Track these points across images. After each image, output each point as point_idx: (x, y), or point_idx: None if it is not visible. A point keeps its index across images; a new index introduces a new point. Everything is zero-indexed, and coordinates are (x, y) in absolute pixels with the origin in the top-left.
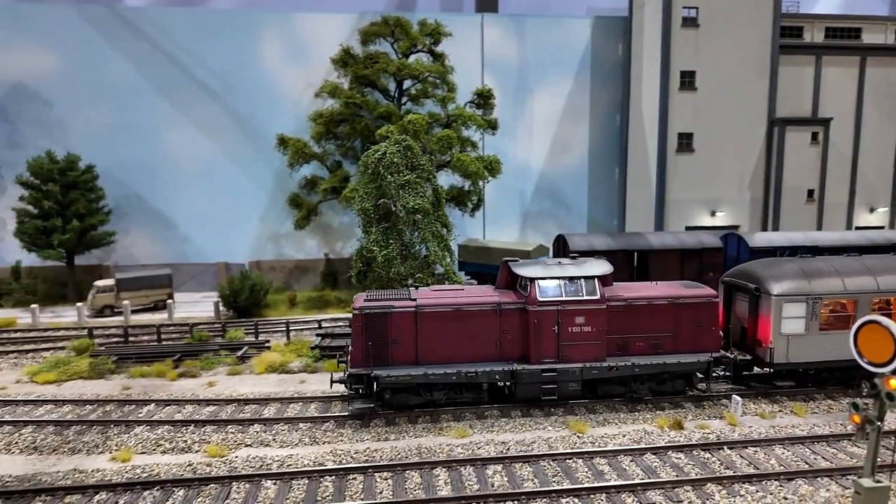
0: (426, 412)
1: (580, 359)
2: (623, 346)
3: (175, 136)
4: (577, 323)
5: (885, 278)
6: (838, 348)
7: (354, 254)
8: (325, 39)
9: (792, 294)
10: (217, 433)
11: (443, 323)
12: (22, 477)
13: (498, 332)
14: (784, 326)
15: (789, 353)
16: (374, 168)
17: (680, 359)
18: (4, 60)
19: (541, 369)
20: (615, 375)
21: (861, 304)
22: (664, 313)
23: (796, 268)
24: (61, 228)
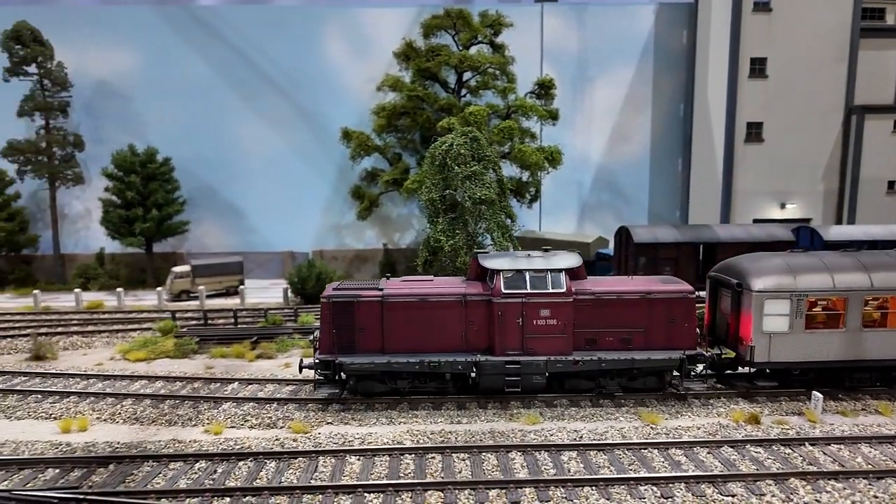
0: (495, 399)
1: (545, 352)
2: (592, 340)
3: (245, 130)
4: (542, 316)
5: (881, 275)
6: (826, 349)
7: (421, 243)
8: (385, 33)
9: (774, 290)
10: (299, 411)
11: (408, 313)
12: (129, 444)
13: (464, 323)
14: (766, 324)
15: (771, 352)
16: (441, 160)
17: (650, 355)
18: (90, 60)
19: (504, 361)
20: (581, 370)
21: (852, 302)
22: (635, 308)
23: (782, 263)
24: (142, 218)
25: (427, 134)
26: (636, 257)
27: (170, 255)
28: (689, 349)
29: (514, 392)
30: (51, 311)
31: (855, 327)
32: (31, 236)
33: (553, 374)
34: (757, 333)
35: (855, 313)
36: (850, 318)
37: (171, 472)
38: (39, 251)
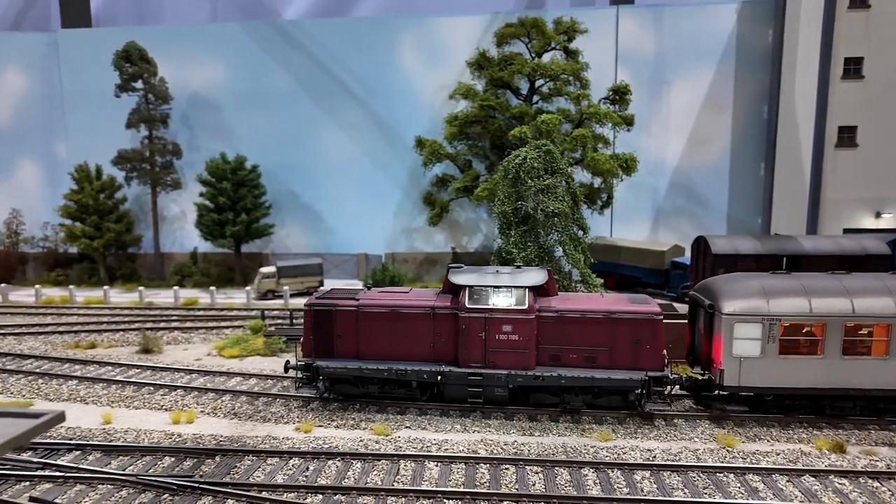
0: (567, 412)
1: (506, 366)
2: (556, 356)
3: (324, 138)
4: (505, 331)
5: (864, 301)
6: (803, 375)
7: (493, 254)
8: (458, 41)
9: (745, 314)
10: (380, 413)
11: (381, 322)
12: (230, 437)
13: (432, 334)
14: (736, 348)
15: (741, 376)
16: (514, 173)
17: (610, 374)
18: (186, 74)
19: (467, 373)
20: (543, 385)
21: (831, 328)
22: (599, 327)
23: (756, 285)
24: (232, 221)
25: (498, 142)
26: (714, 269)
27: (256, 256)
28: (653, 370)
29: (476, 403)
30: (153, 306)
31: (834, 354)
32: (136, 236)
33: (516, 387)
34: (727, 357)
35: (834, 340)
36: (828, 345)
37: (269, 468)
38: (142, 250)
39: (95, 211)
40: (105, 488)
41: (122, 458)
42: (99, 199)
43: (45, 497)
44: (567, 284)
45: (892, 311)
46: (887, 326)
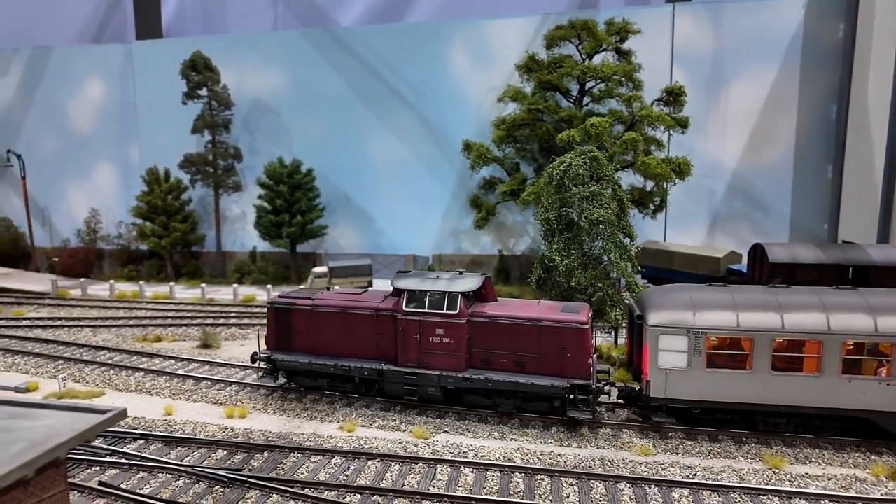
0: (606, 425)
1: (439, 367)
2: (487, 360)
3: (375, 141)
4: (438, 334)
5: (795, 316)
6: (731, 390)
7: (535, 260)
8: (507, 43)
9: (669, 326)
10: (420, 416)
11: (331, 321)
12: (279, 434)
13: (376, 334)
14: (661, 359)
15: (667, 388)
16: (558, 180)
17: (533, 380)
18: (248, 80)
19: (403, 372)
20: (473, 387)
21: (759, 343)
22: (527, 334)
23: (685, 298)
24: (288, 222)
25: (546, 145)
26: (771, 278)
27: (310, 255)
28: (577, 378)
29: (412, 400)
30: (214, 303)
31: (763, 369)
32: (200, 235)
33: (448, 388)
34: (653, 368)
35: (763, 355)
36: (757, 360)
37: (313, 465)
38: (205, 248)
39: (164, 211)
40: (164, 477)
41: (180, 449)
42: (167, 200)
43: (113, 482)
44: (612, 294)
45: (823, 328)
46: (819, 343)
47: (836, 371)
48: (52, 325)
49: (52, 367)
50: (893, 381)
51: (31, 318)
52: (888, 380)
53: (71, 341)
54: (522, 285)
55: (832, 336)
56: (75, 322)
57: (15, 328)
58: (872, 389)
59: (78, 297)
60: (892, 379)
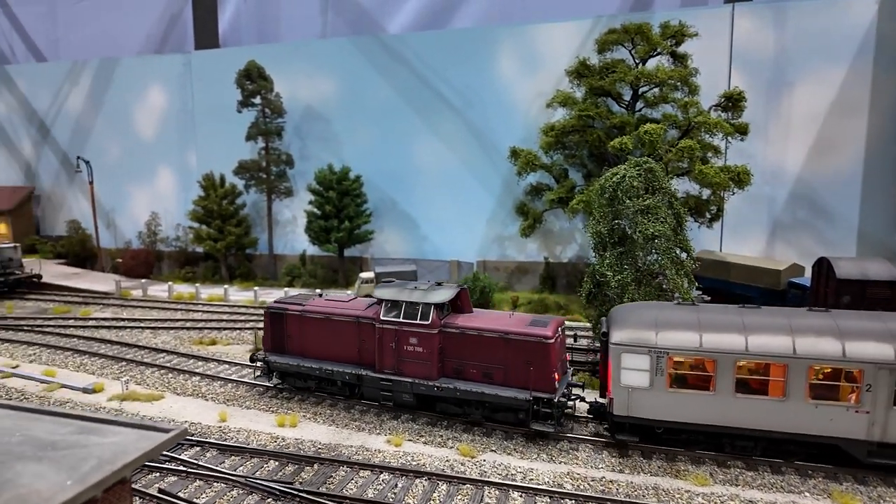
0: (660, 451)
1: (412, 375)
2: (458, 370)
3: (422, 147)
4: (412, 343)
5: (760, 338)
6: (694, 410)
7: (586, 274)
8: (557, 48)
9: (632, 344)
10: (466, 433)
11: (318, 327)
12: (328, 445)
13: (357, 340)
14: (624, 378)
15: (630, 406)
16: (611, 192)
17: (498, 391)
18: (301, 87)
19: (380, 378)
20: (445, 395)
21: (722, 365)
22: (494, 346)
23: (650, 316)
24: (336, 228)
25: (596, 152)
26: (838, 294)
27: (357, 259)
28: (540, 391)
29: (387, 404)
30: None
31: (727, 392)
32: (253, 239)
33: (419, 395)
34: (616, 386)
35: (726, 377)
36: (720, 381)
37: (362, 480)
38: (258, 251)
39: (219, 215)
40: (219, 486)
41: (233, 458)
42: (222, 204)
43: (171, 489)
44: None
45: (788, 352)
46: (784, 367)
47: (803, 396)
48: (116, 325)
49: (116, 369)
50: (862, 409)
51: (97, 318)
52: (856, 406)
53: (133, 342)
54: (569, 294)
55: (798, 360)
56: (137, 323)
57: (83, 328)
58: (840, 416)
59: (139, 298)
60: (860, 406)
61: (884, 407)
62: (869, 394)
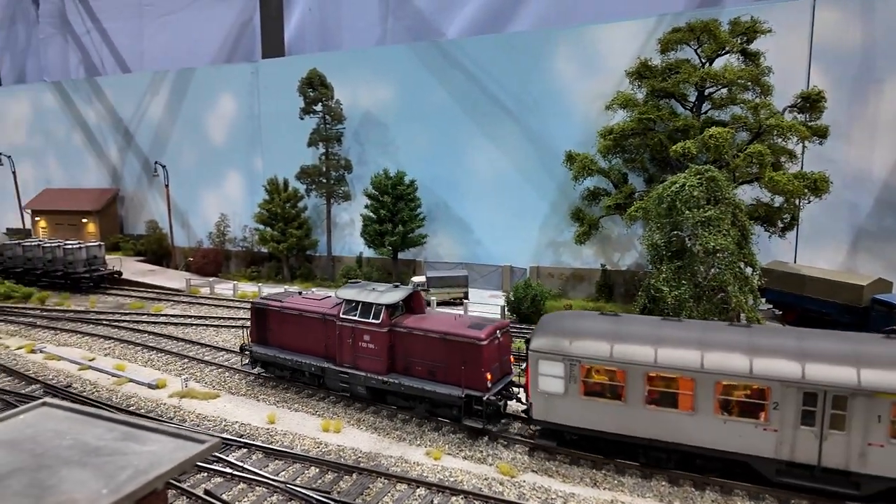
0: (715, 483)
1: (366, 369)
2: (406, 367)
3: (476, 152)
4: (365, 340)
5: (669, 352)
6: (607, 419)
7: (640, 288)
8: (618, 48)
9: (547, 351)
10: (507, 449)
11: (292, 322)
12: (368, 454)
13: (324, 336)
14: (542, 383)
15: (548, 412)
16: (669, 202)
17: (436, 388)
18: (360, 94)
19: (339, 370)
20: (391, 389)
21: (632, 376)
22: (436, 346)
23: (569, 325)
24: (391, 231)
25: (658, 156)
26: None
27: (410, 262)
28: (473, 389)
29: (345, 394)
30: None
31: (637, 403)
32: (313, 241)
33: (375, 389)
34: (534, 391)
35: (636, 388)
36: (630, 393)
37: (398, 494)
38: (318, 253)
39: (282, 218)
40: (261, 491)
41: (277, 462)
42: (285, 208)
43: (216, 491)
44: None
45: (696, 366)
46: (692, 381)
47: (711, 410)
48: (183, 322)
49: (179, 366)
50: (770, 427)
51: (167, 314)
52: (765, 424)
53: (196, 340)
54: (627, 304)
55: (705, 374)
56: (202, 321)
57: (153, 324)
58: (749, 433)
59: (206, 296)
60: (768, 424)
61: (791, 426)
62: (777, 412)
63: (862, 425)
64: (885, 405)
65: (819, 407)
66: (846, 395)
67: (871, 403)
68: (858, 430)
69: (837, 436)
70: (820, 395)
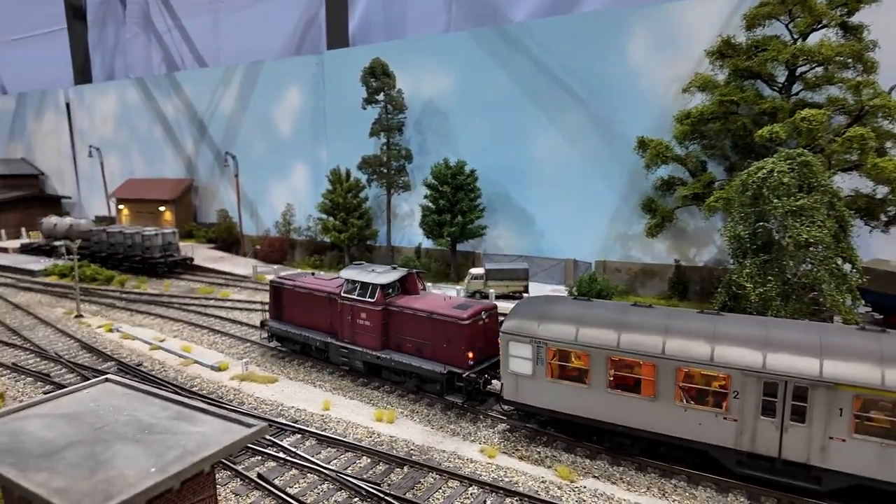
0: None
1: (363, 345)
2: (398, 344)
3: (540, 140)
4: (362, 318)
5: (631, 336)
6: (572, 402)
7: (720, 285)
8: (697, 27)
9: (515, 333)
10: (567, 452)
11: (304, 300)
12: (420, 448)
13: (329, 313)
14: (512, 364)
15: (518, 392)
16: (755, 189)
17: (422, 364)
18: (422, 84)
19: (340, 345)
20: (384, 364)
21: (595, 359)
22: (424, 324)
23: (539, 309)
24: (449, 222)
25: (741, 142)
26: None
27: (469, 254)
28: (454, 366)
29: (345, 367)
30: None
31: (600, 386)
32: (373, 231)
33: (370, 363)
34: (504, 371)
35: (599, 372)
36: (594, 376)
37: (449, 491)
38: (377, 243)
39: (344, 208)
40: (312, 478)
41: (329, 450)
42: (347, 198)
43: (268, 475)
44: None
45: (657, 351)
46: (653, 366)
47: (672, 398)
48: (248, 308)
49: (241, 350)
50: (730, 416)
51: (234, 299)
52: (725, 413)
53: (258, 325)
54: (703, 303)
55: (666, 360)
56: (265, 307)
57: (220, 308)
58: (709, 422)
59: None
60: (728, 413)
61: (752, 416)
62: (737, 401)
63: (823, 418)
64: (847, 398)
65: (779, 397)
66: (807, 386)
67: (832, 396)
68: (819, 424)
69: (798, 428)
70: (780, 385)
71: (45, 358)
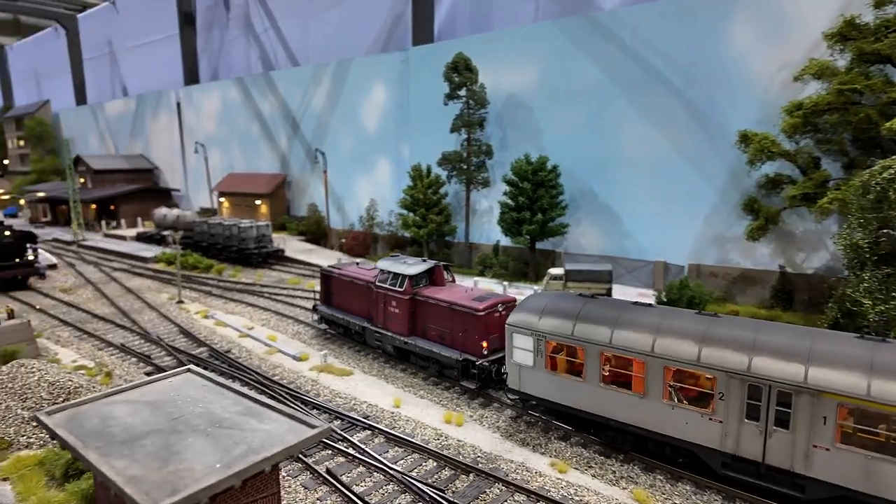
0: None
1: (393, 331)
2: (424, 331)
3: (629, 133)
4: (393, 305)
5: (623, 333)
6: (569, 394)
7: (832, 299)
8: (812, 7)
9: (518, 326)
10: (645, 472)
11: (348, 287)
12: (488, 456)
13: (367, 299)
14: (515, 355)
15: (520, 382)
16: (879, 192)
17: (442, 351)
18: (503, 77)
19: (375, 330)
20: (410, 350)
21: (589, 354)
22: (445, 314)
23: (542, 303)
24: (529, 220)
25: (864, 136)
26: None
27: (549, 253)
28: (470, 354)
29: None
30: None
31: (594, 381)
32: (452, 227)
33: (398, 348)
34: (509, 362)
35: (593, 366)
36: (589, 371)
37: None
38: (456, 239)
39: (424, 204)
40: (378, 478)
41: (397, 450)
42: (427, 194)
43: (336, 471)
44: None
45: (646, 349)
46: (643, 364)
47: (660, 395)
48: None
49: (320, 342)
50: (716, 417)
51: (318, 291)
52: (710, 414)
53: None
54: (810, 314)
55: (654, 358)
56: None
57: (306, 298)
58: (695, 421)
59: None
60: (714, 414)
61: (736, 418)
62: (722, 402)
63: (807, 425)
64: (832, 406)
65: (763, 401)
66: (791, 392)
67: (816, 403)
68: (803, 431)
69: (782, 434)
70: (764, 390)
71: (149, 340)
